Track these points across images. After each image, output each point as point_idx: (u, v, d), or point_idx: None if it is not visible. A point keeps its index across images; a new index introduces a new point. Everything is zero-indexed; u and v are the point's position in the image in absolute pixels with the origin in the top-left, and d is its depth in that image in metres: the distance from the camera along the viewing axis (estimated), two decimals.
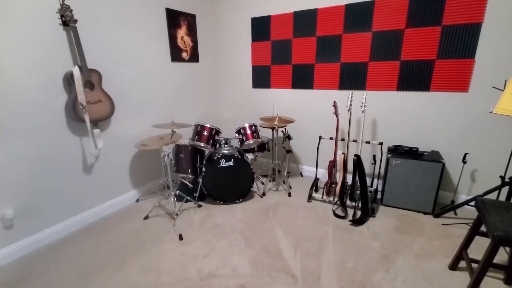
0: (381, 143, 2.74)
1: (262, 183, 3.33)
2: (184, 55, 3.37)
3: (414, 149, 2.63)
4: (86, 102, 2.22)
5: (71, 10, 2.11)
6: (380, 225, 2.44)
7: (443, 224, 2.43)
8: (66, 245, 2.23)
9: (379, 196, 2.87)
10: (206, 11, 3.63)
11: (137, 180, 3.00)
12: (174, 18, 3.15)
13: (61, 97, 2.20)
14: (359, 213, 2.54)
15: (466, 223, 2.43)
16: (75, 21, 2.14)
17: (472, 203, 2.32)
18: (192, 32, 3.42)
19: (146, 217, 2.61)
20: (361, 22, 2.81)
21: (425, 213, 2.60)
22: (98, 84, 2.34)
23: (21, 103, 1.99)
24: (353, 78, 3.00)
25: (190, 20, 3.37)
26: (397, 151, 2.67)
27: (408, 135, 2.85)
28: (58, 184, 2.29)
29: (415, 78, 2.68)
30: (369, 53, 2.84)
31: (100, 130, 2.52)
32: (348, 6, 2.83)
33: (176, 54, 3.24)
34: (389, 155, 2.61)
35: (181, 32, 3.27)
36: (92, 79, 2.28)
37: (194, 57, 3.52)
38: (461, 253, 1.84)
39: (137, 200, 2.95)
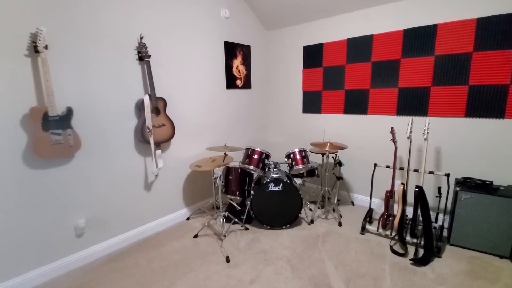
0: (447, 174, 2.47)
1: (310, 209, 3.22)
2: (238, 82, 3.57)
3: (487, 182, 2.31)
4: (152, 126, 2.47)
5: (147, 47, 2.43)
6: (447, 267, 2.15)
7: None
8: (123, 256, 2.41)
9: (445, 233, 2.55)
10: (261, 41, 3.84)
11: (188, 199, 3.15)
12: (231, 50, 3.39)
13: (132, 121, 2.49)
14: (421, 251, 2.28)
15: None
16: (149, 56, 2.45)
17: None
18: (246, 61, 3.63)
19: (196, 236, 2.70)
20: (421, 46, 2.67)
21: (501, 257, 2.23)
22: (163, 110, 2.60)
23: (104, 127, 2.31)
24: (413, 104, 2.82)
25: (245, 51, 3.59)
26: (467, 184, 2.37)
27: (480, 166, 2.53)
28: (123, 199, 2.53)
29: (486, 103, 2.42)
30: (431, 78, 2.66)
31: (161, 151, 2.75)
32: (406, 31, 2.74)
33: (231, 82, 3.46)
34: (457, 188, 2.33)
35: (237, 62, 3.49)
36: (158, 106, 2.54)
37: (247, 84, 3.70)
38: None
39: (188, 218, 3.08)
